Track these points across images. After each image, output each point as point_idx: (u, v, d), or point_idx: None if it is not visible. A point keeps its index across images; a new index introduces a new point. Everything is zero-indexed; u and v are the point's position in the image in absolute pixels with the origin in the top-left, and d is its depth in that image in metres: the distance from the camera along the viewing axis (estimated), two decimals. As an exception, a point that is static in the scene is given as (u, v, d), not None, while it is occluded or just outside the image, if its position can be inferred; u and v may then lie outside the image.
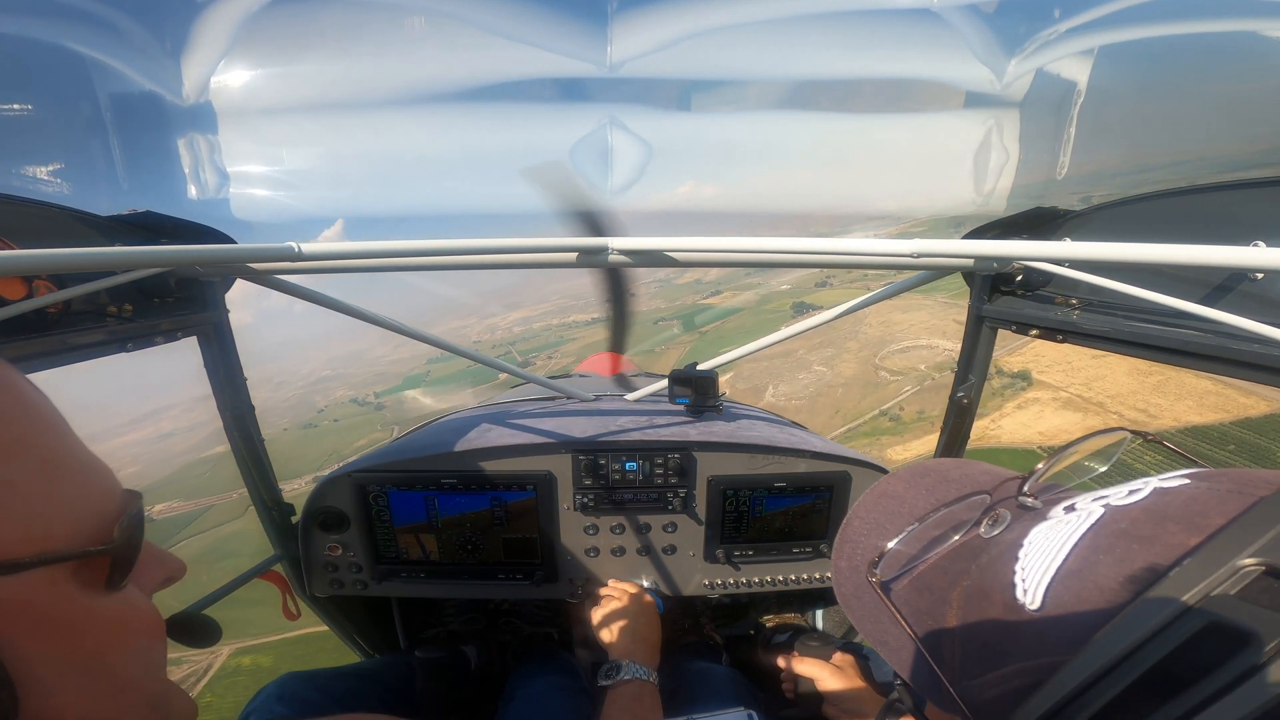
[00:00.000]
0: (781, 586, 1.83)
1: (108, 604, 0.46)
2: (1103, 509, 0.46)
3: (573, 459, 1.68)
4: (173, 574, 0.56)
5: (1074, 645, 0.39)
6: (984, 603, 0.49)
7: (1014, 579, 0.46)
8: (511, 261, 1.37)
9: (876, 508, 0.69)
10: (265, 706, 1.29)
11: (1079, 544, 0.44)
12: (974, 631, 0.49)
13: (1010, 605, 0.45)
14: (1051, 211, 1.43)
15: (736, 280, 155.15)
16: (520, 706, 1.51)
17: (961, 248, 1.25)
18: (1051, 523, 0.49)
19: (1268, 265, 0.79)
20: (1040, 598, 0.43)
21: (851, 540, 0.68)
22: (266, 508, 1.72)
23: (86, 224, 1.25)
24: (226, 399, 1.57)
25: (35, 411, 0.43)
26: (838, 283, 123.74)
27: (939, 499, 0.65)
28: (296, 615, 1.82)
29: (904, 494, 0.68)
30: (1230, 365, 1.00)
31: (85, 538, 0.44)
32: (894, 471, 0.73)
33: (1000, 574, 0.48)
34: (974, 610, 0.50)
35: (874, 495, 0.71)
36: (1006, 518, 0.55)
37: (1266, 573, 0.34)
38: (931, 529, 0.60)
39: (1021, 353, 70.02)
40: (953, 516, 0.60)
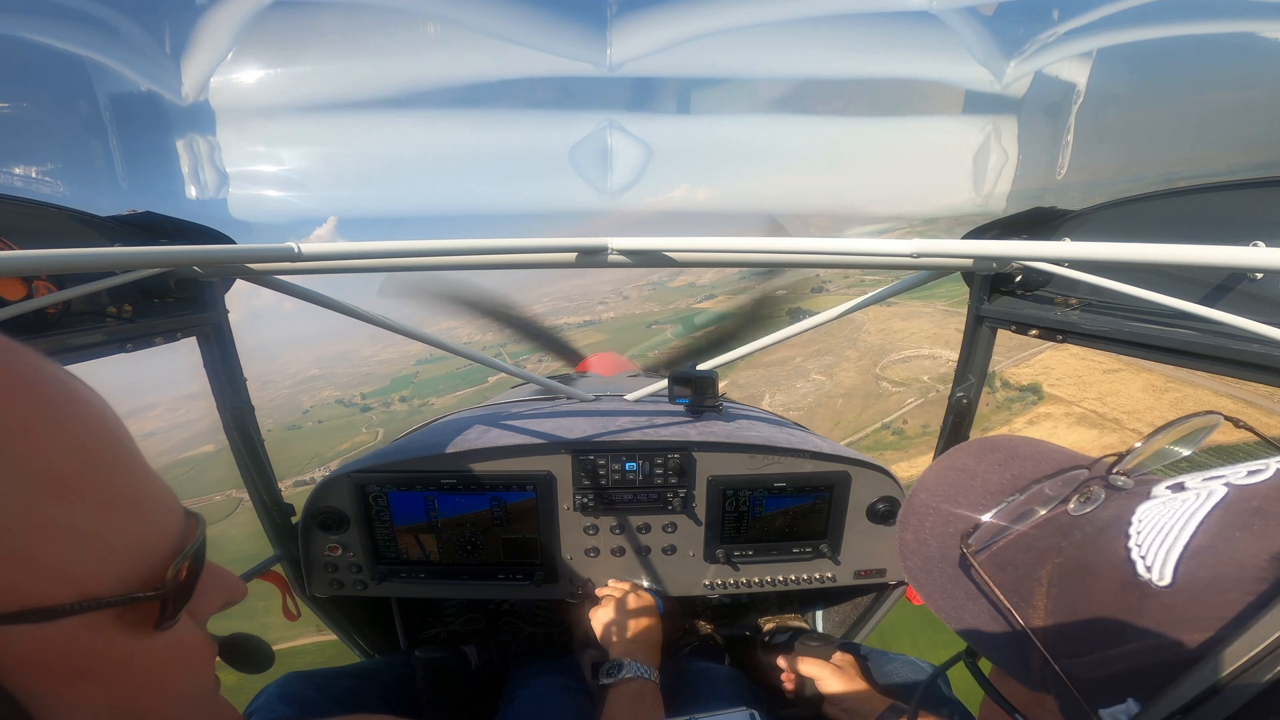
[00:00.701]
0: (781, 586, 1.83)
1: (155, 644, 0.42)
2: (1225, 487, 0.44)
3: (573, 459, 1.68)
4: (232, 597, 0.52)
5: (1215, 623, 0.38)
6: (1089, 579, 0.47)
7: (1128, 555, 0.44)
8: (511, 261, 1.37)
9: (945, 480, 0.67)
10: (268, 706, 1.29)
11: (1206, 521, 0.42)
12: (1076, 608, 0.47)
13: (1129, 582, 0.43)
14: (1051, 211, 1.43)
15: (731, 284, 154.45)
16: (520, 706, 1.51)
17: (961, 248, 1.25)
18: (1160, 501, 0.47)
19: (1268, 265, 0.79)
20: (1170, 574, 0.41)
21: (919, 513, 0.66)
22: (266, 508, 1.72)
23: (86, 224, 1.25)
24: (226, 399, 1.57)
25: (93, 430, 0.39)
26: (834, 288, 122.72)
27: (1015, 474, 0.63)
28: (296, 615, 1.81)
29: (974, 468, 0.66)
30: (1230, 365, 1.00)
31: (136, 579, 0.39)
32: (960, 445, 0.72)
33: (1108, 550, 0.47)
34: (1075, 587, 0.48)
35: (940, 468, 0.69)
36: (1100, 495, 0.54)
37: None
38: (1006, 485, 0.60)
39: (1030, 364, 69.18)
40: (1039, 492, 0.58)
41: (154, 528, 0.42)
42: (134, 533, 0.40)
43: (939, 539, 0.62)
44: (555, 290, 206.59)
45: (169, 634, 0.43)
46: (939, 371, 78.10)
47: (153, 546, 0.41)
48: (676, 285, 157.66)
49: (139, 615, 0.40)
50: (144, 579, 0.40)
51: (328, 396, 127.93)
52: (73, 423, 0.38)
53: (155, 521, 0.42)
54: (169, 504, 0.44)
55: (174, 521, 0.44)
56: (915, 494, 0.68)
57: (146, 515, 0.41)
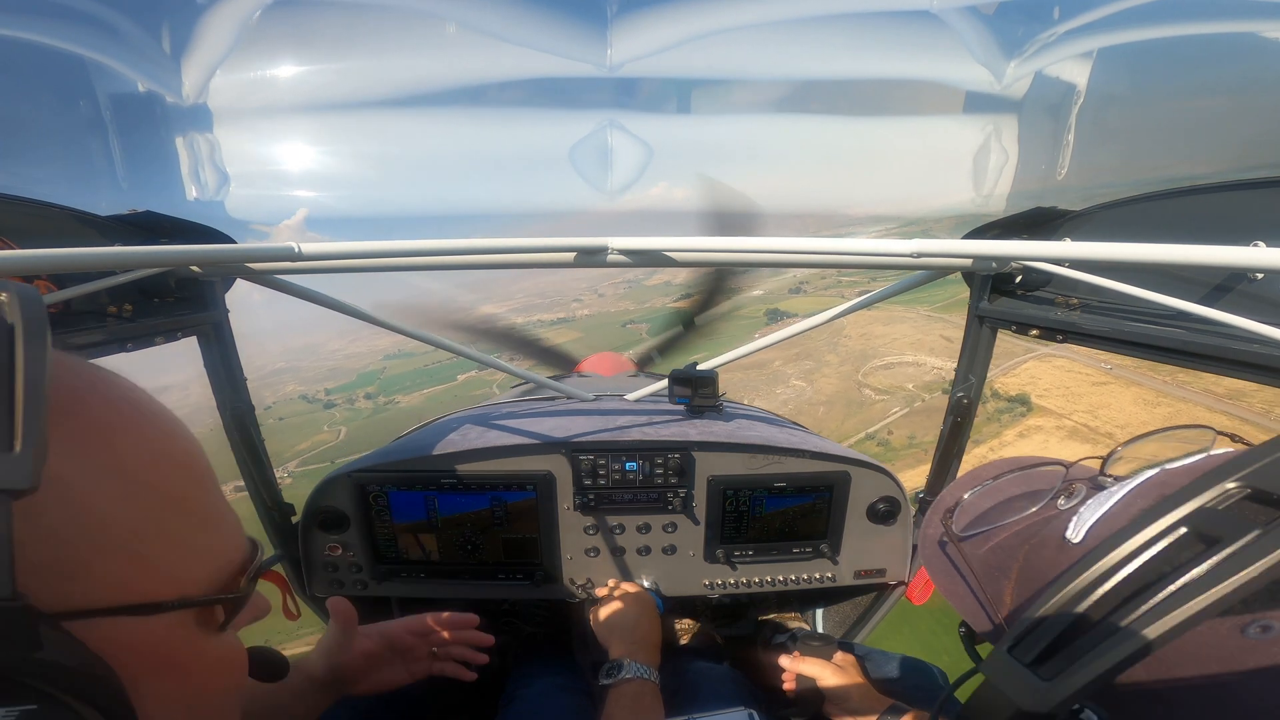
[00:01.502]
0: (781, 587, 1.83)
1: (214, 645, 0.48)
2: (1157, 470, 0.54)
3: (573, 459, 1.68)
4: (259, 614, 0.59)
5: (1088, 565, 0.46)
6: (1041, 550, 0.57)
7: (1067, 528, 0.54)
8: (511, 261, 1.37)
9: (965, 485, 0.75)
10: None
11: (1125, 495, 0.51)
12: (1029, 573, 0.57)
13: (1060, 545, 0.54)
14: (1051, 211, 1.43)
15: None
16: (520, 707, 1.51)
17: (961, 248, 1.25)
18: (1112, 489, 0.55)
19: (1268, 265, 0.79)
20: (1083, 534, 0.52)
21: (940, 511, 0.74)
22: (266, 508, 1.72)
23: (86, 224, 1.25)
24: (226, 399, 1.57)
25: (187, 453, 0.46)
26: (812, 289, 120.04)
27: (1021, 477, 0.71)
28: (296, 615, 1.81)
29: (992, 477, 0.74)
30: (1230, 365, 1.00)
31: (218, 583, 0.47)
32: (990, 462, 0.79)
33: (1058, 528, 0.56)
34: (1033, 558, 0.58)
35: (967, 477, 0.78)
36: (1082, 491, 0.61)
37: (1250, 496, 0.41)
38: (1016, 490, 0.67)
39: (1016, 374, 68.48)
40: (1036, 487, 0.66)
41: (232, 543, 0.50)
42: (220, 546, 0.48)
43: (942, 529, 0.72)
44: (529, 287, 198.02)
45: (226, 637, 0.50)
46: (924, 379, 75.51)
47: (230, 559, 0.49)
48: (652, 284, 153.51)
49: (210, 618, 0.47)
50: (221, 586, 0.48)
51: (291, 391, 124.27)
52: (186, 452, 0.46)
53: (232, 538, 0.50)
54: (238, 526, 0.52)
55: (242, 540, 0.52)
56: (940, 496, 0.78)
57: (228, 532, 0.50)
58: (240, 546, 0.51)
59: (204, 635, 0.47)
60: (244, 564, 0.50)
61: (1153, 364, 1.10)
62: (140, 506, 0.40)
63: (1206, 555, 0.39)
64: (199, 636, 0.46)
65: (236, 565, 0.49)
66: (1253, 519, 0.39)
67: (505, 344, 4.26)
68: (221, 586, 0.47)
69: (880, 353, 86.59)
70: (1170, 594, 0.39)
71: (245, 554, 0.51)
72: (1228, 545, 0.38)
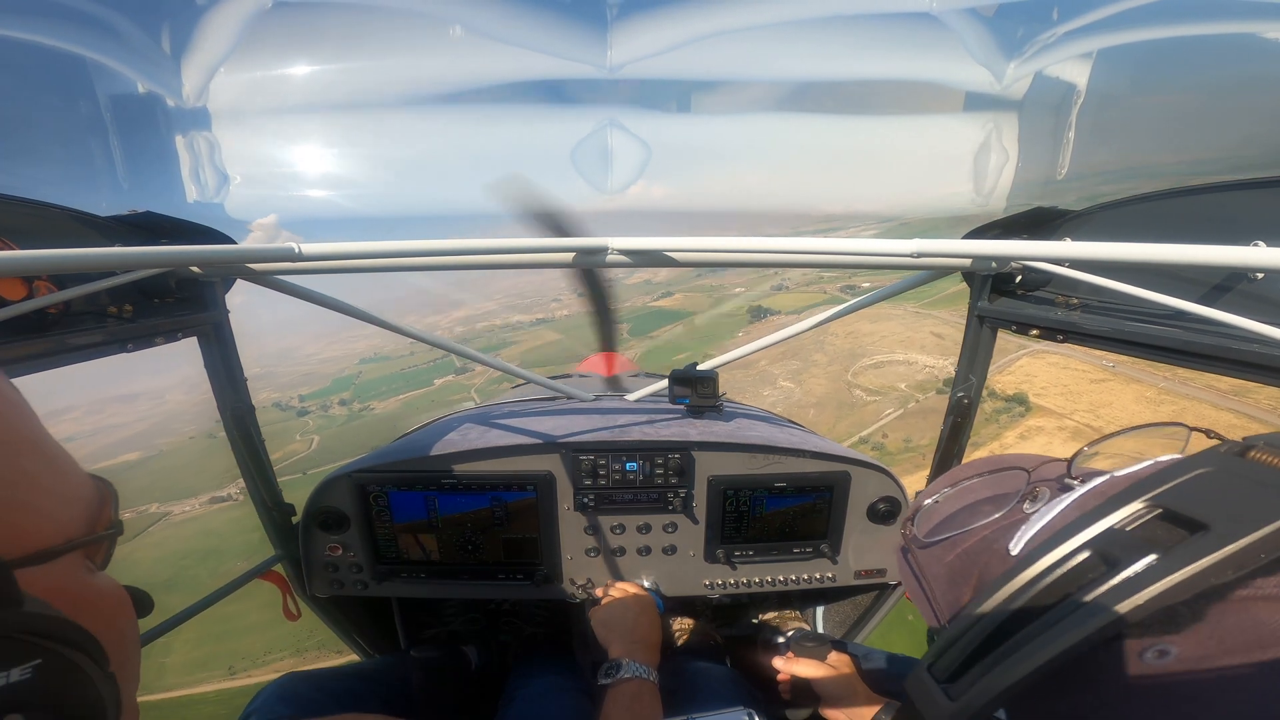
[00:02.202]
0: (781, 587, 1.83)
1: (103, 583, 0.48)
2: (1105, 478, 0.52)
3: (573, 459, 1.68)
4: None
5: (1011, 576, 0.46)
6: (990, 560, 0.57)
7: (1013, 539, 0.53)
8: (511, 262, 1.37)
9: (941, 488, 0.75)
10: (267, 706, 1.29)
11: (1067, 507, 0.51)
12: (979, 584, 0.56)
13: (1004, 557, 0.53)
14: (1051, 211, 1.43)
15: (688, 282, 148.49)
16: (520, 706, 1.51)
17: (961, 247, 1.25)
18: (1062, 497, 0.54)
19: (1268, 265, 0.79)
20: (1020, 547, 0.51)
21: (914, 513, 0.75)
22: (266, 508, 1.72)
23: (86, 224, 1.25)
24: (227, 399, 1.57)
25: (29, 414, 0.45)
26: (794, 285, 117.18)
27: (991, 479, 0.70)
28: (297, 615, 1.81)
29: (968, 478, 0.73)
30: (1230, 365, 1.00)
31: (91, 522, 0.46)
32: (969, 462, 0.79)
33: (1009, 537, 0.55)
34: (985, 568, 0.57)
35: (945, 478, 0.77)
36: (1046, 495, 0.60)
37: (1161, 515, 0.41)
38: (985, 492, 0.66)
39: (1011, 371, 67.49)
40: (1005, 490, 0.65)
41: (84, 481, 0.48)
42: (76, 485, 0.47)
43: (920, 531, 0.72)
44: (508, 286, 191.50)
45: (105, 576, 0.50)
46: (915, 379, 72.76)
47: (90, 495, 0.48)
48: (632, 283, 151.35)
49: (94, 557, 0.47)
50: (96, 522, 0.47)
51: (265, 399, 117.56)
52: (12, 400, 0.43)
53: (82, 476, 0.48)
54: (80, 467, 0.50)
55: (87, 476, 0.50)
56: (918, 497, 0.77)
57: (76, 473, 0.48)
58: (89, 483, 0.49)
59: (94, 575, 0.46)
60: (103, 500, 0.49)
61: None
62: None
63: (1106, 577, 0.39)
64: (90, 576, 0.46)
65: (98, 501, 0.48)
66: (1158, 541, 0.39)
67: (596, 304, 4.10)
68: (93, 525, 0.46)
69: (869, 351, 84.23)
70: (1071, 616, 0.39)
71: (99, 489, 0.50)
72: (1124, 569, 0.38)
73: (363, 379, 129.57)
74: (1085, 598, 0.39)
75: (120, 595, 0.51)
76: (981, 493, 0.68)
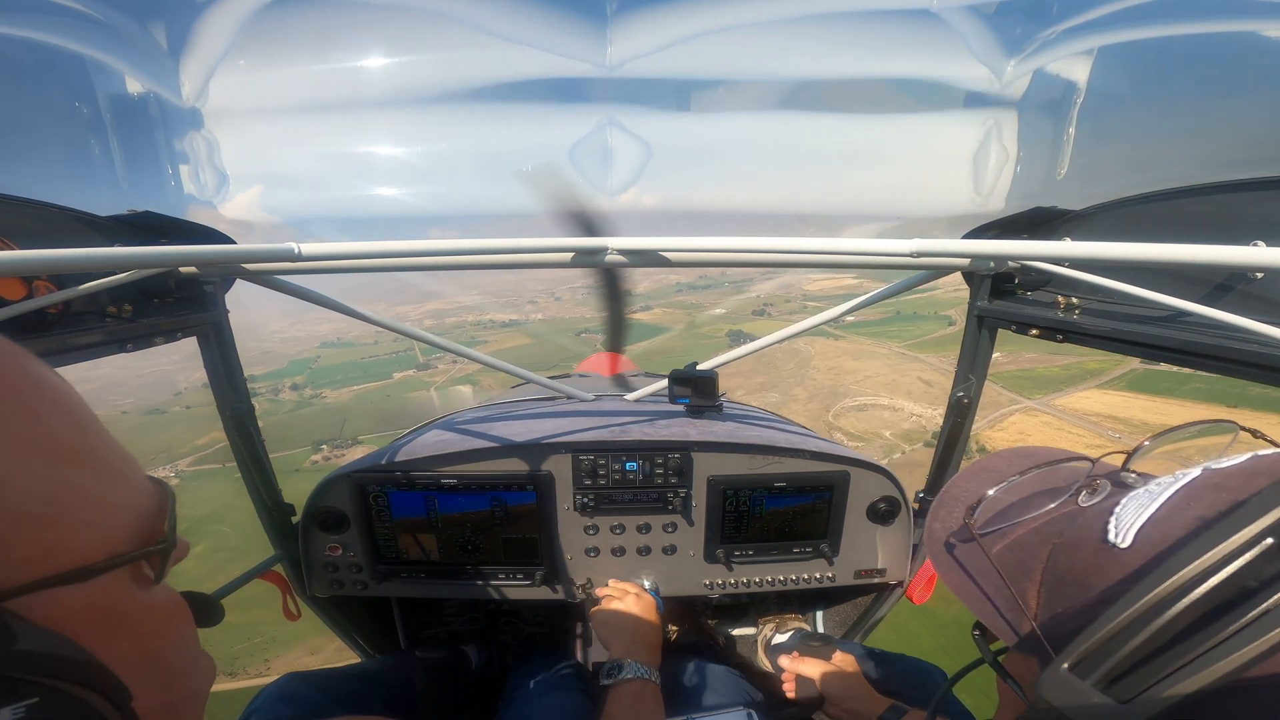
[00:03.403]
0: (781, 587, 1.83)
1: (154, 598, 0.46)
2: (1200, 470, 0.50)
3: (573, 459, 1.68)
4: (180, 555, 0.56)
5: (1147, 574, 0.42)
6: (1074, 552, 0.52)
7: (1107, 529, 0.49)
8: (511, 262, 1.37)
9: (974, 479, 0.72)
10: (267, 706, 1.29)
11: (1173, 497, 0.48)
12: (1060, 575, 0.52)
13: (1099, 548, 0.49)
14: (1051, 211, 1.43)
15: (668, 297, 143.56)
16: (520, 706, 1.51)
17: (961, 247, 1.25)
18: (1148, 487, 0.52)
19: (1268, 265, 0.79)
20: (1130, 538, 0.47)
21: (947, 505, 0.71)
22: (266, 508, 1.72)
23: (86, 224, 1.25)
24: (227, 399, 1.57)
25: (78, 410, 0.43)
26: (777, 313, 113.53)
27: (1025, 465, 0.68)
28: (297, 615, 1.81)
29: (1004, 469, 0.71)
30: (1230, 365, 1.00)
31: (141, 535, 0.44)
32: (995, 452, 0.76)
33: (1092, 528, 0.52)
34: (1063, 559, 0.53)
35: (973, 469, 0.74)
36: (1106, 487, 0.58)
37: None
38: (1032, 485, 0.64)
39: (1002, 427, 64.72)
40: (1053, 483, 0.63)
41: (141, 491, 0.46)
42: (130, 495, 0.45)
43: (957, 522, 0.68)
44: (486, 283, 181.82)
45: (162, 588, 0.48)
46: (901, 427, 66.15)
47: (145, 505, 0.46)
48: None
49: (143, 571, 0.45)
50: (145, 536, 0.44)
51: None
52: (64, 403, 0.42)
53: (140, 485, 0.47)
54: (141, 471, 0.48)
55: (148, 484, 0.48)
56: (947, 489, 0.74)
57: (133, 483, 0.46)
58: (148, 491, 0.47)
59: (144, 590, 0.45)
60: (160, 509, 0.47)
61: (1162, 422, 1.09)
62: (33, 466, 0.37)
63: None
64: (138, 592, 0.44)
65: (153, 511, 0.46)
66: None
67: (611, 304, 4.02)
68: (146, 537, 0.44)
69: (851, 391, 78.23)
70: (1262, 613, 0.35)
71: (157, 498, 0.47)
72: None
73: (320, 363, 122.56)
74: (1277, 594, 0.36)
75: (175, 608, 0.50)
76: (1026, 485, 0.66)
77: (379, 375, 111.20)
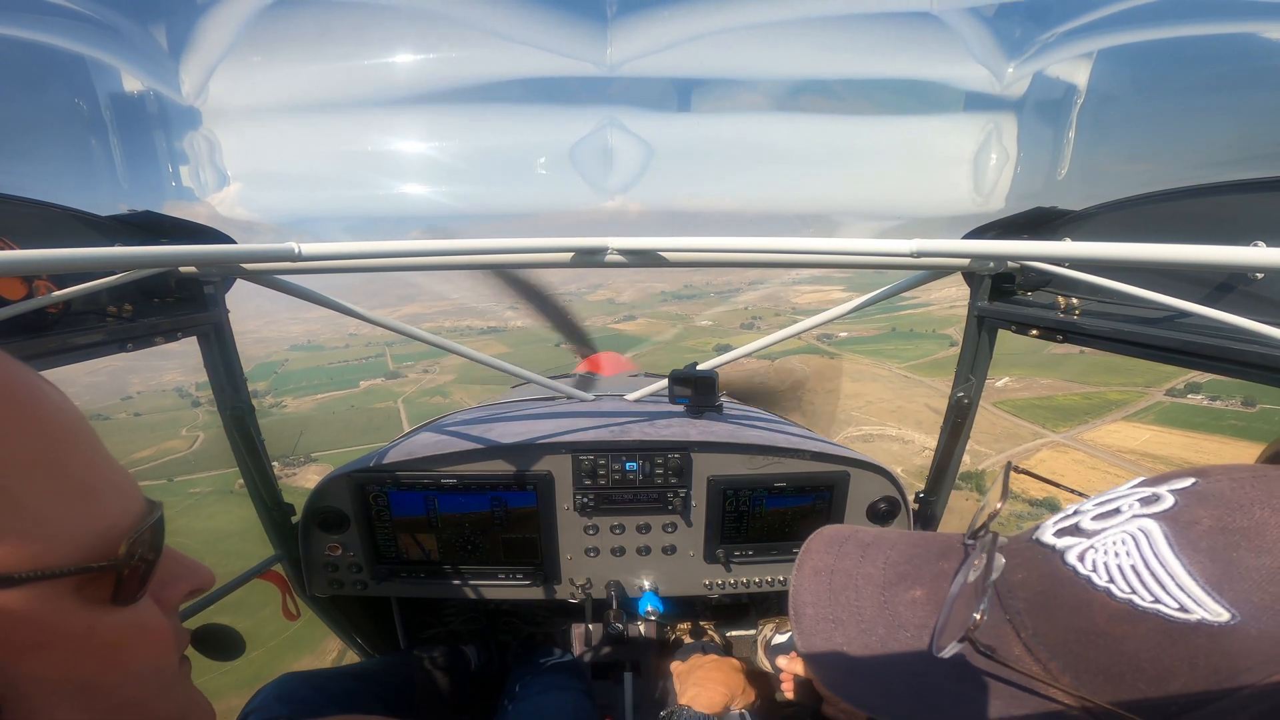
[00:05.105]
0: (781, 587, 1.83)
1: (116, 620, 0.44)
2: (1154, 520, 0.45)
3: (573, 459, 1.68)
4: (201, 585, 0.54)
5: None
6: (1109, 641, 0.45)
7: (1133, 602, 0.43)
8: (511, 262, 1.37)
9: (824, 587, 0.64)
10: (265, 706, 1.29)
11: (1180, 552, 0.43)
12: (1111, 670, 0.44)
13: (1169, 629, 0.42)
14: (1051, 211, 1.43)
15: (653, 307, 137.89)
16: (520, 706, 1.51)
17: (961, 247, 1.25)
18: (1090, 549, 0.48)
19: (1268, 265, 0.79)
20: (1223, 607, 0.40)
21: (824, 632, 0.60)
22: (266, 508, 1.72)
23: (86, 224, 1.25)
24: (226, 399, 1.57)
25: (52, 420, 0.42)
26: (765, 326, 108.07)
27: (886, 561, 0.63)
28: (296, 615, 1.81)
29: (840, 566, 0.65)
30: (1230, 365, 1.00)
31: (92, 552, 0.42)
32: (807, 545, 0.71)
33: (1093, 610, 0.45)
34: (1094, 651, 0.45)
35: (808, 575, 0.66)
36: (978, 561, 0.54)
37: None
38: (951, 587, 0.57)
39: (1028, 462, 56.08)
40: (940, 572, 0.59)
41: (113, 510, 0.44)
42: (92, 513, 0.42)
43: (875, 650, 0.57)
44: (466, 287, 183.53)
45: (130, 613, 0.45)
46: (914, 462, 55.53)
47: (109, 522, 0.43)
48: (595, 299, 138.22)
49: (97, 591, 0.42)
50: (99, 552, 0.42)
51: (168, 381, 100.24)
52: (33, 412, 0.40)
53: (113, 505, 0.44)
54: (128, 491, 0.47)
55: (133, 507, 0.46)
56: (803, 611, 0.62)
57: (103, 499, 0.44)
58: (128, 511, 0.45)
59: (92, 610, 0.42)
60: (128, 528, 0.44)
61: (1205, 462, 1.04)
62: None
63: None
64: (84, 612, 0.41)
65: (118, 529, 0.43)
66: None
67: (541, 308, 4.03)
68: (95, 554, 0.42)
69: (855, 418, 70.22)
70: None
71: (133, 516, 0.45)
72: None
73: (287, 367, 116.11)
74: None
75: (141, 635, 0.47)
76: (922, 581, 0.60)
77: (345, 383, 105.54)
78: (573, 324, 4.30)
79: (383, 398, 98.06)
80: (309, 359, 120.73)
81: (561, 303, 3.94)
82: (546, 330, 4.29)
